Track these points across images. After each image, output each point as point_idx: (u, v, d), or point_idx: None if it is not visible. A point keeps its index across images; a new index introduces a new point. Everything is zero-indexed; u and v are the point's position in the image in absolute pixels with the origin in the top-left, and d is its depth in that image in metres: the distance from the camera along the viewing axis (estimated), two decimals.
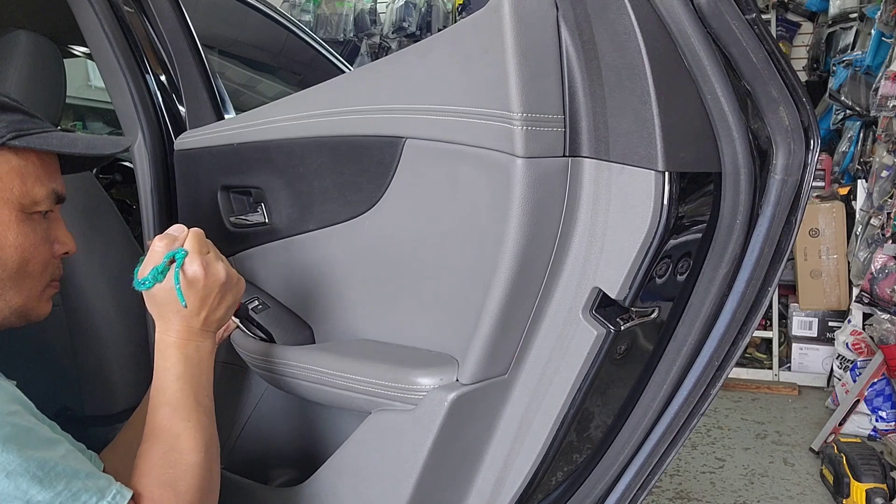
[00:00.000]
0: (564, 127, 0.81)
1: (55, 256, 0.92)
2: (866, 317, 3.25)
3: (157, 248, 0.88)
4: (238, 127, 1.20)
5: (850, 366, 3.16)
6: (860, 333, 3.23)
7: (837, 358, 3.33)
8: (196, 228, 0.92)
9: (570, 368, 0.90)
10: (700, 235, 0.89)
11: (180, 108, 1.45)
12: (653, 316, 0.93)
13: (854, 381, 3.04)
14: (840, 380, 3.22)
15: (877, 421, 2.90)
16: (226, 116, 1.50)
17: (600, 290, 0.86)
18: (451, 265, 0.93)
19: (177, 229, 0.91)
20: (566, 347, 0.90)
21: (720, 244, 0.90)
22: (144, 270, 0.88)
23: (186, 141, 1.31)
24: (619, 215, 0.83)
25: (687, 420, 1.01)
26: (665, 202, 0.80)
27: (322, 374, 1.02)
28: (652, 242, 0.82)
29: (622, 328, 0.89)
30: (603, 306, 0.89)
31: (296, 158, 1.09)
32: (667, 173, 0.79)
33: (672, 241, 0.84)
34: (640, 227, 0.81)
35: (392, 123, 0.94)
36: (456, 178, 0.89)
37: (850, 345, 3.23)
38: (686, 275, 0.92)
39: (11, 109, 0.87)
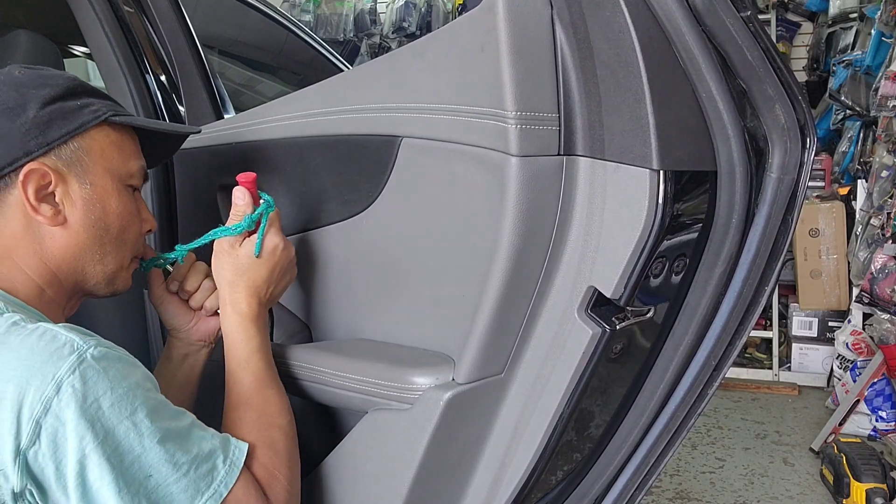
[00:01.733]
0: (559, 125, 0.81)
1: (142, 233, 0.99)
2: (866, 317, 3.25)
3: (241, 201, 0.97)
4: (237, 126, 1.20)
5: (850, 366, 3.16)
6: (860, 333, 3.23)
7: (837, 358, 3.33)
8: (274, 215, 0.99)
9: (566, 368, 0.90)
10: (696, 234, 0.89)
11: (180, 107, 1.45)
12: (649, 315, 0.93)
13: (854, 381, 3.04)
14: (840, 380, 3.22)
15: (877, 421, 2.90)
16: (225, 116, 1.51)
17: (596, 289, 0.86)
18: (447, 264, 0.94)
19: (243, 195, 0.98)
20: (562, 346, 0.90)
21: (716, 243, 0.90)
22: (234, 220, 0.96)
23: (186, 141, 1.31)
24: (614, 214, 0.83)
25: (684, 419, 1.01)
26: (660, 201, 0.80)
27: (318, 373, 1.03)
28: (647, 241, 0.82)
29: (618, 327, 0.89)
30: (598, 305, 0.89)
31: (294, 158, 1.09)
32: (662, 172, 0.79)
33: (668, 240, 0.84)
34: (636, 226, 0.81)
35: (388, 122, 0.94)
36: (452, 177, 0.89)
37: (850, 345, 3.23)
38: (682, 274, 0.92)
39: (103, 96, 0.95)
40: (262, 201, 0.97)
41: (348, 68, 2.48)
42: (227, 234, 0.96)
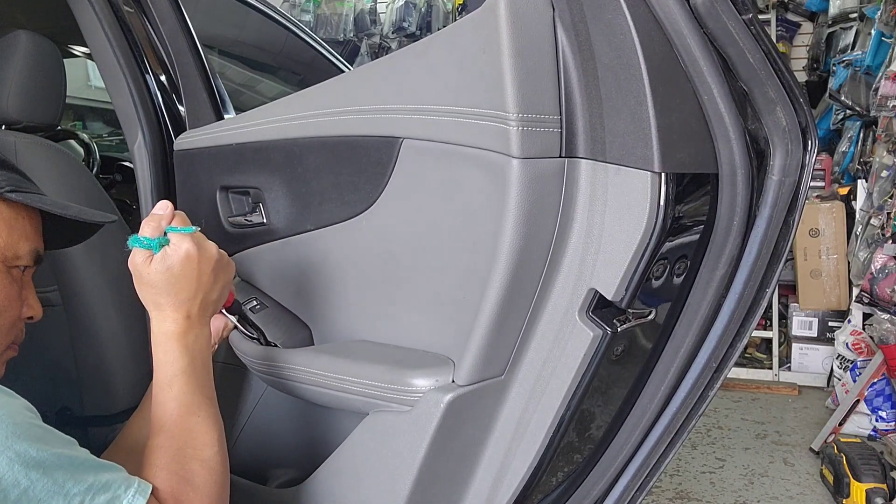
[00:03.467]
0: (560, 127, 0.81)
1: (21, 318, 0.91)
2: (866, 317, 3.24)
3: (161, 210, 0.90)
4: (237, 127, 1.20)
5: (850, 366, 3.16)
6: (860, 333, 3.23)
7: (837, 358, 3.33)
8: (178, 210, 0.92)
9: (566, 370, 0.90)
10: (697, 236, 0.89)
11: (180, 108, 1.45)
12: (650, 317, 0.93)
13: (854, 381, 3.04)
14: (840, 380, 3.22)
15: (877, 421, 2.90)
16: (226, 116, 1.50)
17: (597, 291, 0.86)
18: (448, 266, 0.94)
19: (161, 206, 0.91)
20: (563, 349, 0.90)
21: (717, 245, 0.90)
22: (145, 230, 0.88)
23: (186, 141, 1.31)
24: (615, 216, 0.83)
25: (685, 421, 1.01)
26: (661, 203, 0.80)
27: (319, 376, 1.02)
28: (648, 243, 0.82)
29: (619, 329, 0.89)
30: (599, 307, 0.88)
31: (294, 158, 1.09)
32: (663, 174, 0.79)
33: (669, 243, 0.84)
34: (637, 229, 0.81)
35: (389, 123, 0.94)
36: (452, 179, 0.89)
37: (850, 345, 3.23)
38: (683, 276, 0.92)
39: (10, 168, 0.90)
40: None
41: (348, 68, 2.48)
42: (144, 245, 0.87)
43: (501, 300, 0.84)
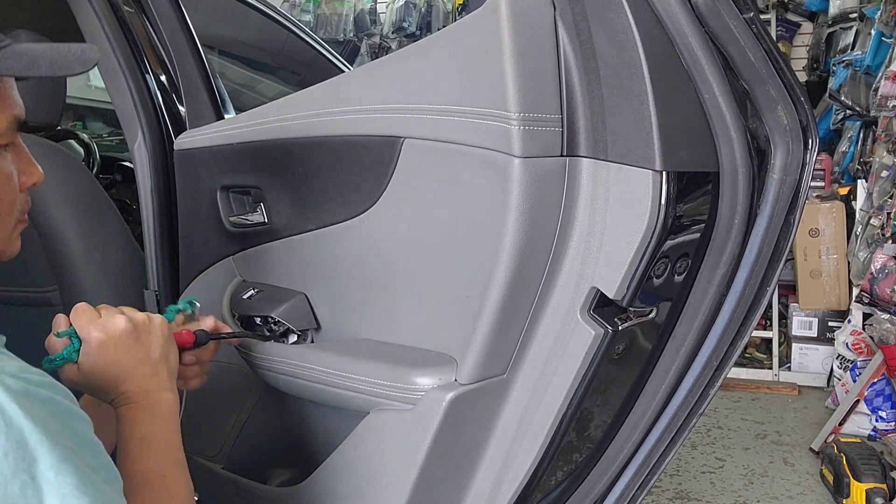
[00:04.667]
0: (562, 126, 0.81)
1: (22, 190, 0.82)
2: (866, 317, 3.24)
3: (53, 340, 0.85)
4: (238, 127, 1.20)
5: (850, 366, 3.16)
6: (860, 333, 3.23)
7: (837, 358, 3.33)
8: (77, 305, 0.87)
9: (568, 368, 0.90)
10: (698, 235, 0.89)
11: (180, 107, 1.45)
12: (651, 316, 0.93)
13: (854, 381, 3.04)
14: (840, 380, 3.22)
15: (877, 421, 2.90)
16: (226, 116, 1.50)
17: (598, 289, 0.86)
18: (450, 265, 0.94)
19: (55, 321, 0.87)
20: (564, 347, 0.90)
21: (718, 244, 0.90)
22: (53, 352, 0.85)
23: (186, 141, 1.31)
24: (616, 215, 0.83)
25: (686, 420, 1.01)
26: (663, 202, 0.80)
27: (321, 374, 1.02)
28: (650, 242, 0.82)
29: (620, 328, 0.89)
30: (601, 306, 0.89)
31: (295, 158, 1.09)
32: (664, 173, 0.79)
33: (670, 241, 0.84)
34: (638, 227, 0.81)
35: (390, 123, 0.94)
36: (454, 178, 0.89)
37: (850, 345, 3.23)
38: (684, 275, 0.92)
39: None
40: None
41: (348, 68, 2.48)
42: (53, 366, 0.84)
43: (504, 299, 0.85)
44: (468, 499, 1.00)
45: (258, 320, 1.16)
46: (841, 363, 3.28)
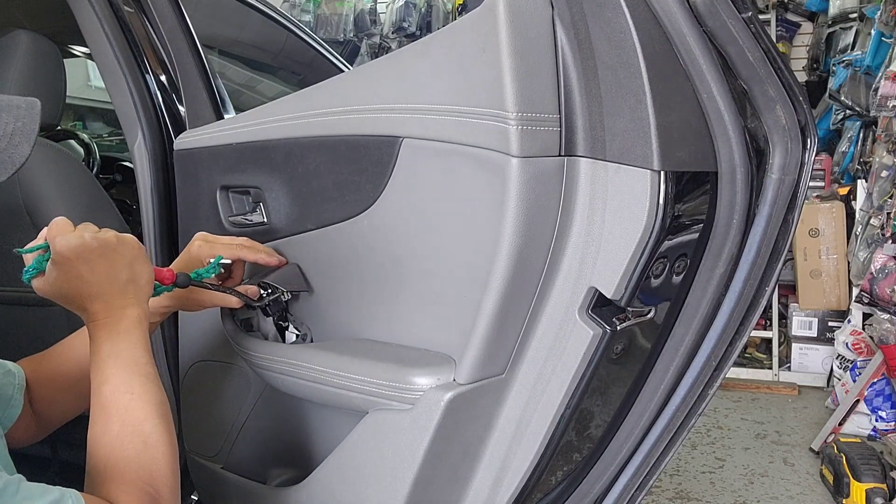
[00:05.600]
0: (560, 126, 0.81)
1: None
2: (866, 317, 3.25)
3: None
4: (237, 127, 1.20)
5: (850, 366, 3.16)
6: (860, 333, 3.23)
7: (837, 358, 3.33)
8: (55, 218, 0.89)
9: (566, 368, 0.90)
10: (697, 235, 0.89)
11: (180, 107, 1.45)
12: (649, 316, 0.93)
13: (854, 381, 3.04)
14: (840, 380, 3.22)
15: (877, 421, 2.90)
16: (226, 116, 1.50)
17: (597, 289, 0.87)
18: (448, 264, 0.94)
19: (43, 232, 0.89)
20: (563, 347, 0.90)
21: (717, 244, 0.90)
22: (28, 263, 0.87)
23: (186, 141, 1.32)
24: (615, 215, 0.83)
25: (685, 420, 1.01)
26: (661, 202, 0.80)
27: (319, 373, 1.03)
28: (648, 242, 0.82)
29: (619, 328, 0.89)
30: (599, 306, 0.89)
31: (294, 158, 1.09)
32: (663, 172, 0.79)
33: (668, 241, 0.84)
34: (637, 227, 0.81)
35: (389, 123, 0.94)
36: (452, 178, 0.89)
37: (849, 345, 3.23)
38: (683, 274, 0.92)
39: None
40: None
41: (348, 68, 2.48)
42: (28, 275, 0.87)
43: (502, 299, 0.85)
44: (467, 498, 1.01)
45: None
46: (841, 363, 3.28)
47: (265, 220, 1.17)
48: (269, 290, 1.11)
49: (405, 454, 0.94)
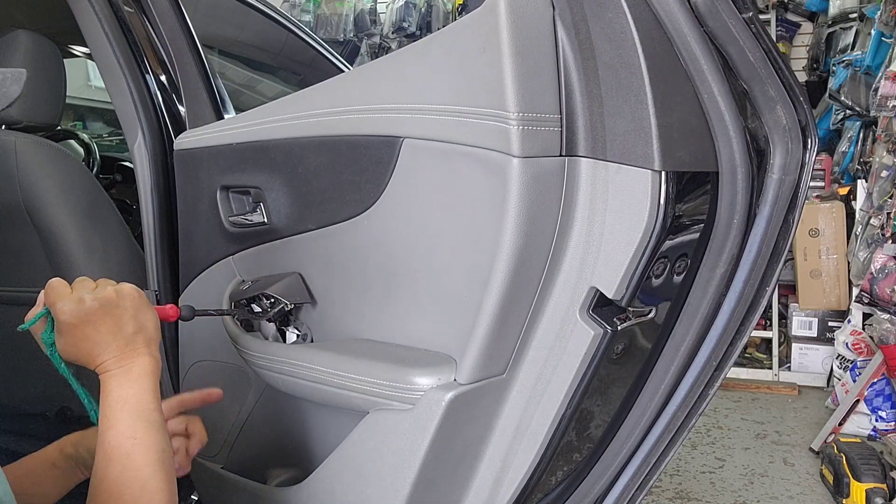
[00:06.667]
0: (561, 126, 0.81)
1: None
2: (866, 317, 3.25)
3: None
4: (237, 127, 1.20)
5: (850, 366, 3.16)
6: (860, 333, 3.23)
7: (837, 358, 3.33)
8: (50, 282, 0.88)
9: (567, 368, 0.90)
10: (697, 235, 0.89)
11: (180, 107, 1.45)
12: (650, 316, 0.93)
13: (854, 381, 3.04)
14: (840, 380, 3.22)
15: (877, 421, 2.90)
16: (225, 116, 1.50)
17: (597, 289, 0.87)
18: (449, 264, 0.94)
19: (40, 297, 0.89)
20: (564, 347, 0.90)
21: (718, 244, 0.90)
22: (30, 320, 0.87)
23: (186, 141, 1.32)
24: (616, 215, 0.83)
25: (685, 420, 1.01)
26: (662, 202, 0.80)
27: (320, 373, 1.03)
28: (649, 242, 0.82)
29: (619, 328, 0.89)
30: (600, 306, 0.89)
31: (294, 158, 1.09)
32: (663, 173, 0.79)
33: (669, 241, 0.84)
34: (637, 227, 0.81)
35: (389, 123, 0.94)
36: (453, 178, 0.89)
37: (849, 345, 3.23)
38: (683, 274, 0.92)
39: None
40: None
41: (348, 68, 2.48)
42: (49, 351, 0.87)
43: (503, 299, 0.85)
44: (467, 498, 1.01)
45: (255, 307, 1.16)
46: (841, 363, 3.28)
47: (265, 220, 1.17)
48: (273, 301, 1.12)
49: (406, 454, 0.94)
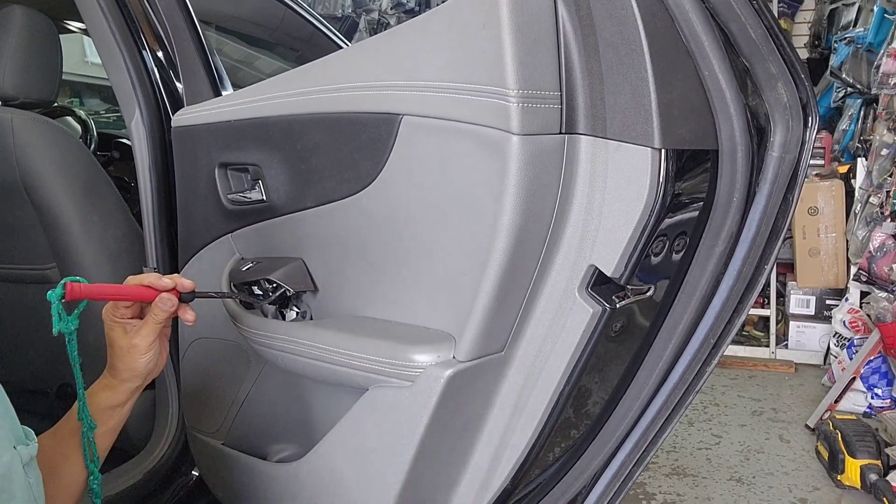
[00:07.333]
0: (561, 103, 0.81)
1: None
2: (864, 295, 3.26)
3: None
4: (235, 103, 1.19)
5: (847, 343, 3.18)
6: (857, 311, 3.24)
7: (834, 336, 3.35)
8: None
9: (566, 346, 0.91)
10: (696, 213, 0.89)
11: (178, 84, 1.44)
12: (649, 294, 0.94)
13: (850, 359, 3.05)
14: (836, 357, 3.24)
15: (872, 398, 2.92)
16: (223, 93, 1.49)
17: (596, 267, 0.87)
18: (448, 242, 0.94)
19: None
20: (562, 325, 0.90)
21: (717, 222, 0.90)
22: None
23: (184, 118, 1.31)
24: (615, 193, 0.83)
25: (682, 397, 1.02)
26: (661, 179, 0.80)
27: (320, 350, 1.03)
28: (648, 220, 0.82)
29: (618, 306, 0.89)
30: (599, 284, 0.89)
31: (293, 135, 1.09)
32: (663, 150, 0.79)
33: (668, 219, 0.84)
34: (637, 205, 0.81)
35: (388, 100, 0.93)
36: (452, 155, 0.88)
37: (847, 323, 3.24)
38: (682, 253, 0.92)
39: None
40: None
41: (347, 44, 2.46)
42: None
43: (502, 276, 0.85)
44: (466, 474, 1.01)
45: (256, 289, 1.17)
46: (838, 341, 3.30)
47: (264, 197, 1.17)
48: (275, 286, 1.12)
49: (405, 430, 0.94)
